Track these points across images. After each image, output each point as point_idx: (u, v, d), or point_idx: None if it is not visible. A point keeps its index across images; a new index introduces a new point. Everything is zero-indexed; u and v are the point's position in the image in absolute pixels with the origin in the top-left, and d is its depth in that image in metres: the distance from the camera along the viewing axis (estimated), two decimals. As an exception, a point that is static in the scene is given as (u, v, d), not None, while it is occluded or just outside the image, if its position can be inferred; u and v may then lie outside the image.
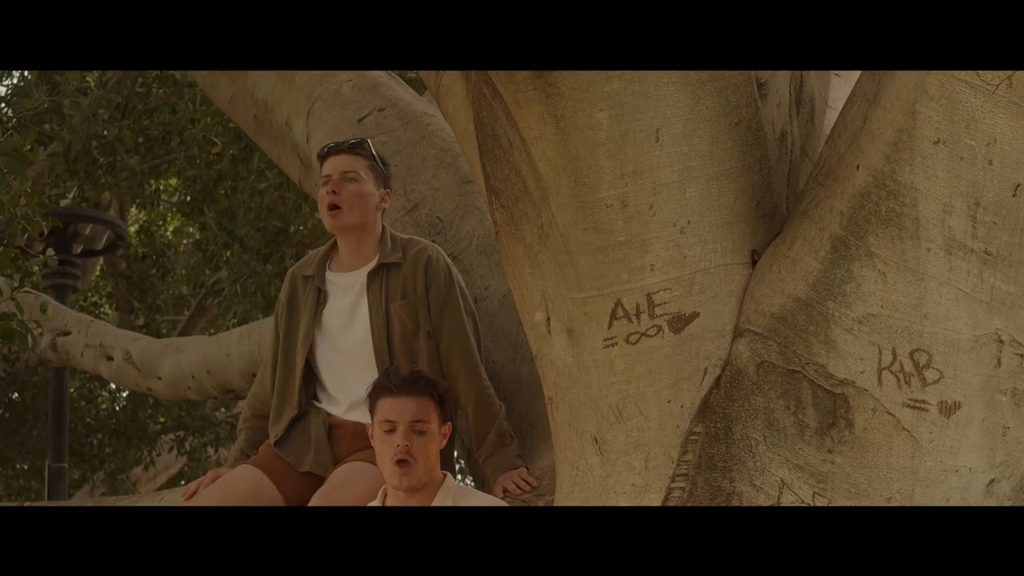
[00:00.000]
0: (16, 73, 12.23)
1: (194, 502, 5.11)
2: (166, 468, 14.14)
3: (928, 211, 3.62)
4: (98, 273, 15.47)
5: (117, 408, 14.17)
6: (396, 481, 4.46)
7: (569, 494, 4.03)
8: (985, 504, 3.83)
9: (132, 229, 15.37)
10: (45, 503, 6.36)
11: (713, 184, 3.88)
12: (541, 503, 4.82)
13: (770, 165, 4.02)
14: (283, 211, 10.75)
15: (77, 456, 13.04)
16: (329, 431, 5.24)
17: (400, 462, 4.45)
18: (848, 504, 3.75)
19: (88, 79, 11.18)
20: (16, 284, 7.22)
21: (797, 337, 3.78)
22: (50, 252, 6.67)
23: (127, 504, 5.79)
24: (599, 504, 3.93)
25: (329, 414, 5.27)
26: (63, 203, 11.78)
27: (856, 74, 4.36)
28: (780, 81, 4.21)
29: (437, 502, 4.51)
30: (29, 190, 6.81)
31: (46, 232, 6.79)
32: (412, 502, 4.52)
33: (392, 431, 4.47)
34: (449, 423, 4.61)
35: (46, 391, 12.30)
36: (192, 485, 5.45)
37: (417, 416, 4.48)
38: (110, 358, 9.44)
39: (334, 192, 5.21)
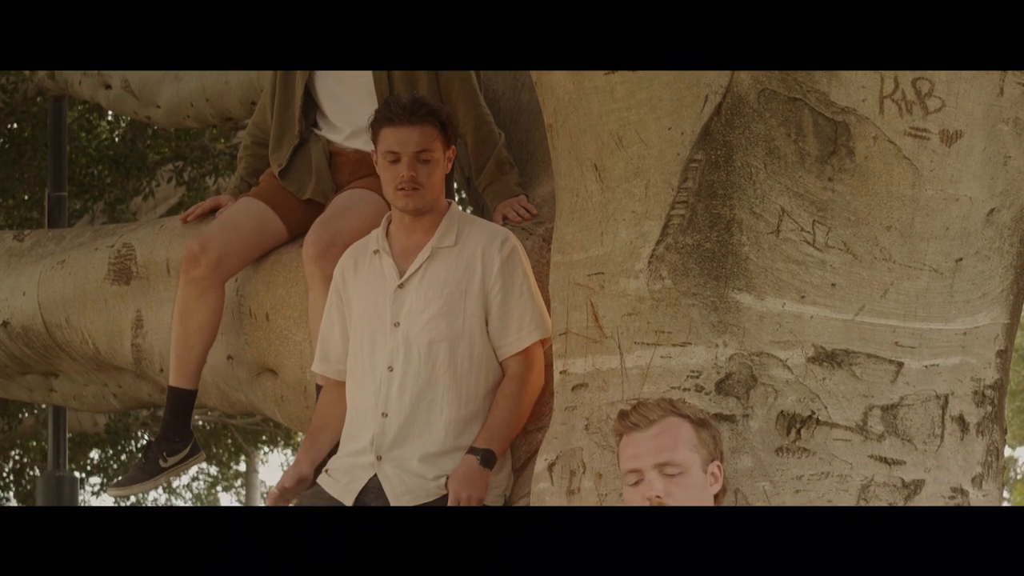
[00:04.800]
0: None
1: (198, 236, 5.13)
2: (165, 198, 14.15)
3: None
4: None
5: (116, 139, 14.12)
6: (402, 203, 4.47)
7: (569, 221, 4.04)
8: (984, 233, 3.85)
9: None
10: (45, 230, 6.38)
11: (718, -93, 3.80)
12: (540, 230, 4.83)
13: None
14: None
15: (77, 186, 13.03)
16: (330, 159, 5.24)
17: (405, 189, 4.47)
18: (847, 231, 3.76)
19: None
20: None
21: (800, 64, 3.75)
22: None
23: (127, 234, 5.80)
24: (598, 232, 3.94)
25: (330, 141, 5.25)
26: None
27: None
28: None
29: (441, 229, 4.53)
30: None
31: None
32: (416, 228, 4.53)
33: (396, 161, 4.46)
34: (452, 147, 4.60)
35: (45, 121, 12.24)
36: (192, 209, 5.48)
37: (421, 145, 4.46)
38: (108, 86, 9.37)
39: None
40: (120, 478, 6.66)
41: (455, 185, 5.71)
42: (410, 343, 4.45)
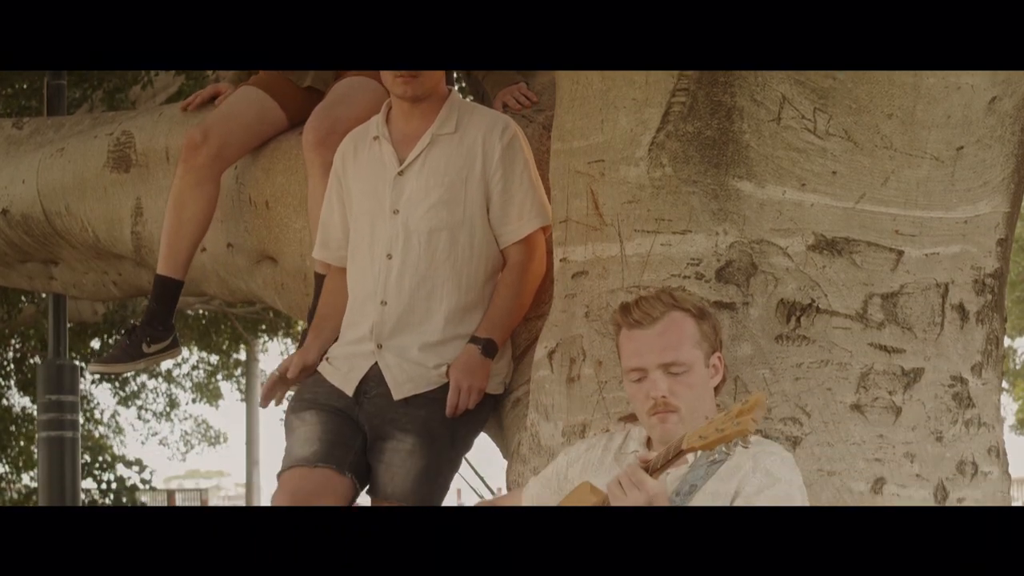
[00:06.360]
0: None
1: (199, 125, 5.12)
2: (164, 87, 14.06)
3: None
4: None
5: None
6: (400, 90, 4.46)
7: (569, 108, 4.02)
8: (986, 122, 3.83)
9: None
10: (44, 117, 6.36)
11: None
12: (540, 118, 4.82)
13: None
14: None
15: (76, 75, 12.96)
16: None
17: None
18: (848, 119, 3.74)
19: None
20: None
21: (803, -50, 3.72)
22: None
23: (126, 121, 5.79)
24: (599, 119, 3.92)
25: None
26: None
27: None
28: None
29: (441, 116, 4.50)
30: None
31: None
32: (416, 115, 4.51)
33: None
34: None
35: (42, 9, 12.15)
36: (192, 97, 5.46)
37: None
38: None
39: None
40: (104, 355, 6.66)
41: (455, 74, 5.68)
42: (409, 231, 4.45)
